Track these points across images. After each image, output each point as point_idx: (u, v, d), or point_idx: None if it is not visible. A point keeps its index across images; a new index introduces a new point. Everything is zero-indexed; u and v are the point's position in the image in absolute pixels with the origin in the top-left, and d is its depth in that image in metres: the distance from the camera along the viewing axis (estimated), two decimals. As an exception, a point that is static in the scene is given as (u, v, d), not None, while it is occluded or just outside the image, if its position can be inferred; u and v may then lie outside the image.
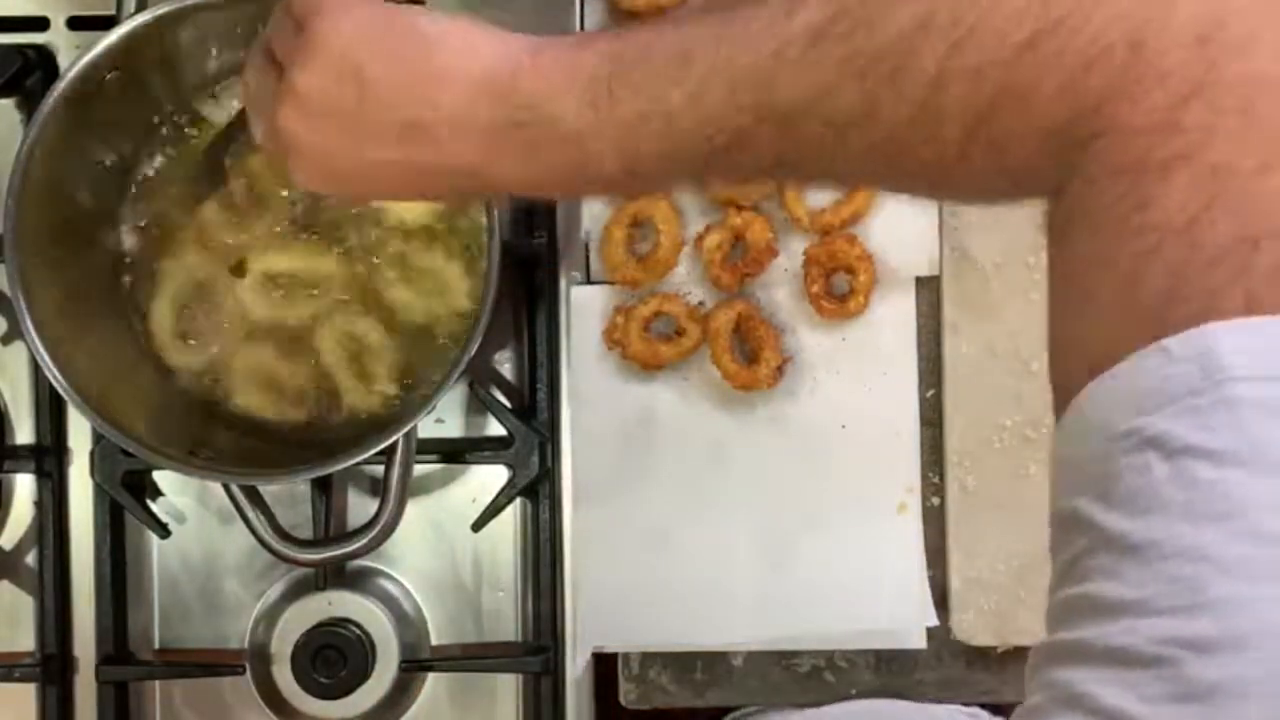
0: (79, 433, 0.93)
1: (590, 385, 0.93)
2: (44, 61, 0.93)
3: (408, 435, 0.83)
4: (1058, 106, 0.47)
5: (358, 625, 0.92)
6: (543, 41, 0.61)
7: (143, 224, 0.90)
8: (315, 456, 0.85)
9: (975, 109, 0.49)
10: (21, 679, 0.92)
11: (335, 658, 0.91)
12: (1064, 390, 0.48)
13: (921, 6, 0.49)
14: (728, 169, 0.58)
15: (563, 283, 0.94)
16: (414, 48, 0.62)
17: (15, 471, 0.93)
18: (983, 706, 0.77)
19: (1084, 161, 0.47)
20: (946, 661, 0.94)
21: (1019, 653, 0.94)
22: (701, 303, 0.93)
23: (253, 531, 0.85)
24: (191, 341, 0.90)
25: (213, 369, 0.90)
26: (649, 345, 0.91)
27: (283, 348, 0.90)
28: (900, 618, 0.92)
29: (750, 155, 0.56)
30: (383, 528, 0.84)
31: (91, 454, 0.91)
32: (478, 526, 0.92)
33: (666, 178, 0.64)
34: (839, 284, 0.93)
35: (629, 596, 0.92)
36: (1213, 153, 0.44)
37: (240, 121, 0.84)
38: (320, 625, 0.92)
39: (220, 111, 0.90)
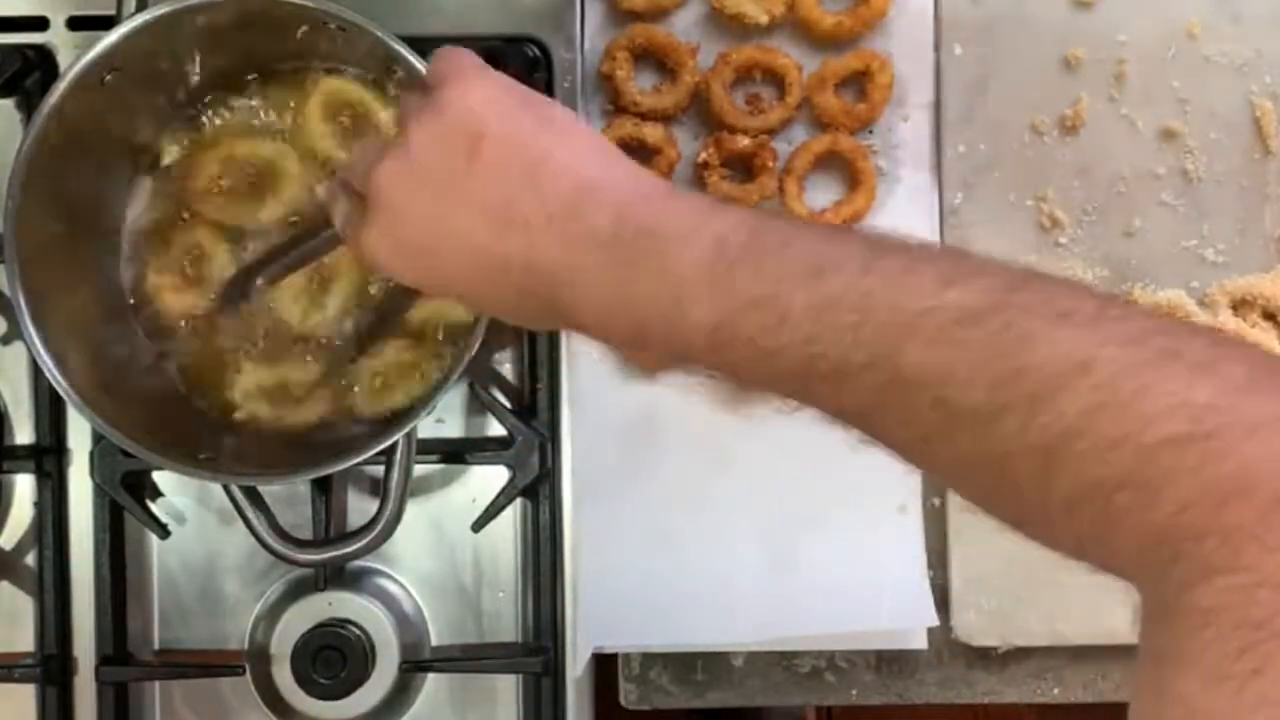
0: (79, 433, 0.93)
1: (590, 385, 0.93)
2: (44, 61, 0.93)
3: (408, 435, 0.83)
4: (1179, 519, 0.44)
5: (358, 625, 0.92)
6: (679, 189, 0.59)
7: (144, 224, 0.90)
8: (315, 457, 0.85)
9: (1094, 476, 0.46)
10: (21, 679, 0.91)
11: (335, 658, 0.91)
12: None
13: (1086, 352, 0.46)
14: (807, 394, 0.55)
15: (563, 283, 0.93)
16: (540, 136, 0.60)
17: (15, 471, 0.93)
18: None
19: (1198, 585, 0.43)
20: (947, 661, 0.94)
21: (1019, 653, 0.94)
22: (702, 303, 0.93)
23: (253, 531, 0.85)
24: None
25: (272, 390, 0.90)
26: (649, 345, 0.91)
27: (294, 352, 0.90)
28: (901, 618, 0.92)
29: (842, 392, 0.53)
30: (383, 528, 0.84)
31: (91, 454, 0.91)
32: (478, 526, 0.92)
33: (744, 368, 0.57)
34: (839, 284, 0.92)
35: (629, 596, 0.92)
36: None
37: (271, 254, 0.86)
38: (320, 625, 0.92)
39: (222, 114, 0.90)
